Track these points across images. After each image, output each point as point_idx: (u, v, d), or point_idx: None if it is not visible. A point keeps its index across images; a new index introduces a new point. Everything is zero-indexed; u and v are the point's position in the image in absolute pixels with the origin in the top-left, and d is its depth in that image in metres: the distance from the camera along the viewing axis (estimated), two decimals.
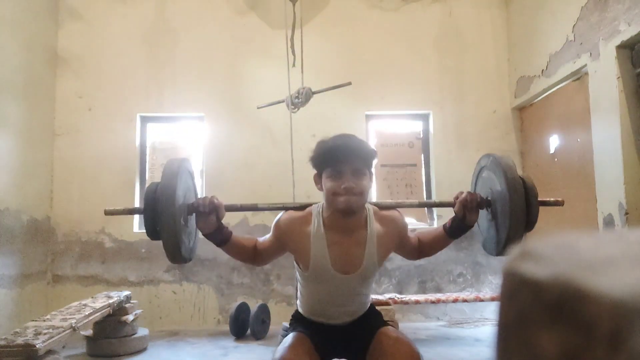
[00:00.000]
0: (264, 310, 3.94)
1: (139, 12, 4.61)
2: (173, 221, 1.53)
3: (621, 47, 3.01)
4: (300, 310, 1.79)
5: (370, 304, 1.80)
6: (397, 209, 1.80)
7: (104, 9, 4.60)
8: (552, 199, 1.87)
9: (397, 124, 4.81)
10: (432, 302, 3.77)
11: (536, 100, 4.28)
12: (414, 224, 4.56)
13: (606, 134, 3.13)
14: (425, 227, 4.54)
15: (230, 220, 4.43)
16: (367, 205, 1.70)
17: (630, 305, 0.24)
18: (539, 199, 1.72)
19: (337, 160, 1.57)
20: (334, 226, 1.64)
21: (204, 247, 4.34)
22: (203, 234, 1.67)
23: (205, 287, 4.35)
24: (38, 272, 4.14)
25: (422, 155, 4.72)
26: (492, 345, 0.33)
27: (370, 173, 1.65)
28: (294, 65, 3.88)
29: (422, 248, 1.83)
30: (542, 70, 3.99)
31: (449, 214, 1.68)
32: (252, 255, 1.74)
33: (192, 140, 4.70)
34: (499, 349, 0.32)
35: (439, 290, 4.39)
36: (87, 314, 2.97)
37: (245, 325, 3.89)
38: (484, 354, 3.33)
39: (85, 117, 4.48)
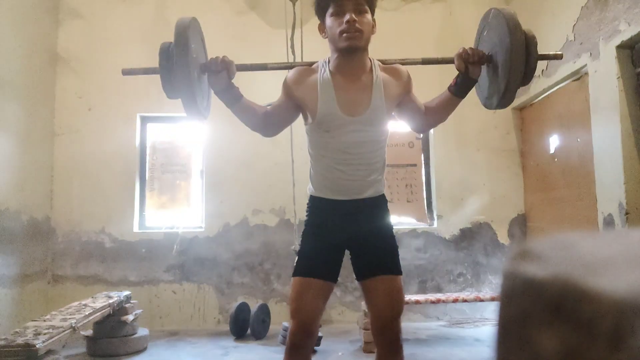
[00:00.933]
0: (264, 310, 3.94)
1: (139, 11, 4.60)
2: (188, 74, 1.61)
3: (621, 46, 3.00)
4: (312, 189, 1.80)
5: (385, 201, 1.80)
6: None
7: (104, 8, 4.60)
8: (551, 53, 1.92)
9: (397, 124, 4.81)
10: (432, 302, 3.77)
11: (536, 100, 4.29)
12: (414, 224, 4.56)
13: (606, 133, 3.13)
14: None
15: (230, 220, 4.44)
16: (372, 57, 1.77)
17: (630, 304, 0.24)
18: (538, 53, 1.74)
19: None
20: (340, 71, 1.71)
21: (204, 247, 4.37)
22: (215, 92, 1.76)
23: (205, 287, 4.35)
24: (38, 272, 4.14)
25: (422, 155, 4.72)
26: (492, 345, 0.33)
27: (373, 16, 1.72)
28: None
29: (429, 112, 1.84)
30: (542, 70, 3.99)
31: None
32: (263, 118, 1.79)
33: (192, 140, 4.70)
34: (499, 348, 0.32)
35: (439, 290, 4.39)
36: (87, 314, 2.97)
37: (246, 325, 3.89)
38: (484, 354, 3.33)
39: (85, 117, 4.48)
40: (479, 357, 3.30)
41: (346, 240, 1.73)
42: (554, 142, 4.00)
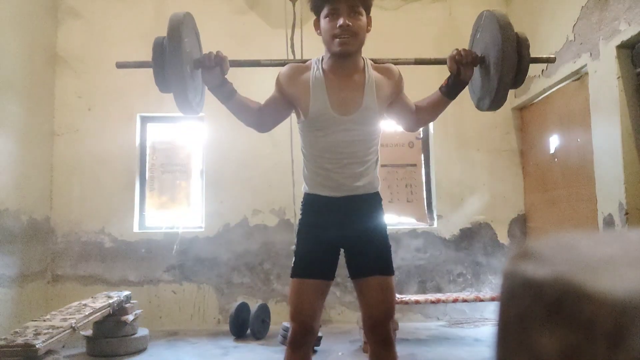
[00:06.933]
0: (264, 310, 3.94)
1: (139, 11, 4.60)
2: (180, 68, 1.62)
3: (621, 46, 3.00)
4: (306, 187, 1.80)
5: (379, 199, 1.80)
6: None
7: (104, 8, 4.59)
8: (544, 56, 1.92)
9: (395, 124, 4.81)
10: (432, 302, 3.77)
11: (536, 100, 4.29)
12: (414, 224, 4.56)
13: (606, 133, 3.13)
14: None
15: (230, 220, 4.44)
16: (364, 56, 1.79)
17: (630, 304, 0.24)
18: (531, 56, 1.74)
19: None
20: (333, 70, 1.72)
21: (204, 247, 4.37)
22: (209, 88, 1.75)
23: (205, 287, 4.35)
24: (38, 271, 4.14)
25: (422, 155, 4.72)
26: (492, 345, 0.33)
27: (368, 16, 1.73)
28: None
29: (420, 112, 1.85)
30: (542, 70, 3.99)
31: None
32: (257, 114, 1.79)
33: (192, 140, 4.70)
34: (499, 348, 0.32)
35: (439, 290, 4.39)
36: (87, 314, 2.97)
37: (245, 325, 3.89)
38: (484, 354, 3.33)
39: (85, 117, 4.48)
40: (479, 357, 3.30)
41: (340, 238, 1.73)
42: (554, 142, 4.00)
